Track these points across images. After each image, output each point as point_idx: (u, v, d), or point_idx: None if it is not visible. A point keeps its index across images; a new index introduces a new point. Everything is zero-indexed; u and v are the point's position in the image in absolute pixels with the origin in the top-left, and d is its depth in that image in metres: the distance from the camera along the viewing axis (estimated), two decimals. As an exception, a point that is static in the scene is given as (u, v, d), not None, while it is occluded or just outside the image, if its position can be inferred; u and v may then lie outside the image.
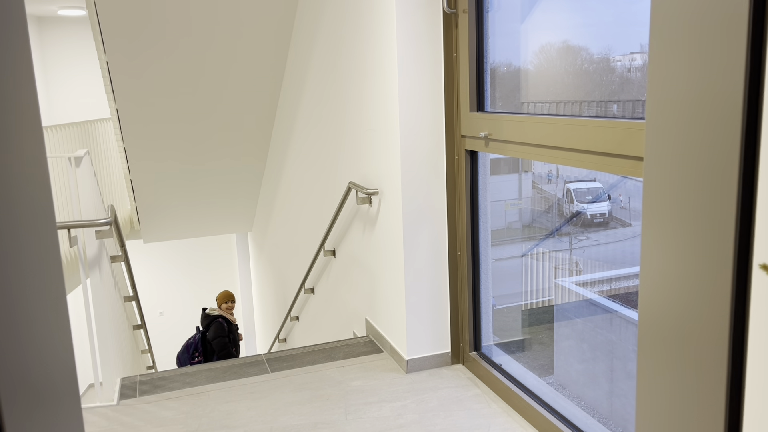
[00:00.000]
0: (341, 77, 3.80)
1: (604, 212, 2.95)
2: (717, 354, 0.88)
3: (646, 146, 0.97)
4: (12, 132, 0.97)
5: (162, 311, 11.14)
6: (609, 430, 2.49)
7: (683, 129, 0.90)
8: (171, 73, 5.08)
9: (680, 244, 0.92)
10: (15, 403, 0.91)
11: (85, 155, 3.34)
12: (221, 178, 6.66)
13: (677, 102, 0.90)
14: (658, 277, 0.97)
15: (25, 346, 0.97)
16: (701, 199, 0.88)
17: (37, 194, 1.05)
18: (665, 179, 0.94)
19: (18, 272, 0.95)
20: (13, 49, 0.95)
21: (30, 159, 1.03)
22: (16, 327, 0.94)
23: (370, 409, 2.84)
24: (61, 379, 1.09)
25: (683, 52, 0.88)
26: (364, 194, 3.44)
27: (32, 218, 1.02)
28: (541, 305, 3.27)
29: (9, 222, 0.94)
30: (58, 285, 1.10)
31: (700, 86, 0.87)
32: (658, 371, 1.00)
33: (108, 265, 3.68)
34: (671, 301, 0.95)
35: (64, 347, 1.12)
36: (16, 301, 0.94)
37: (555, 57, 2.72)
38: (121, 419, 2.88)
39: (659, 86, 0.92)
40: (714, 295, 0.87)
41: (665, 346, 0.98)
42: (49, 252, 1.08)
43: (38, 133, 1.07)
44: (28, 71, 1.03)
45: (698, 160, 0.88)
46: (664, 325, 0.97)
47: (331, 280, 4.61)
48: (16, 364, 0.92)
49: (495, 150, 2.79)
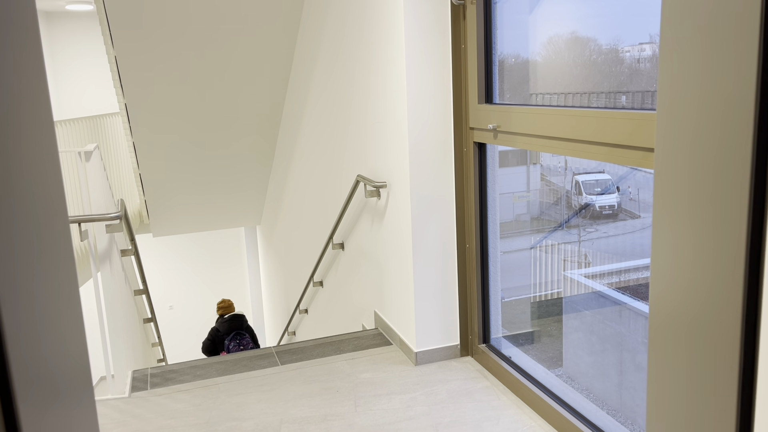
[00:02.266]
0: (349, 70, 3.80)
1: (613, 204, 2.94)
2: (729, 347, 0.88)
3: (657, 137, 0.96)
4: (25, 127, 0.97)
5: (172, 305, 11.20)
6: (618, 422, 2.49)
7: (695, 120, 0.89)
8: (179, 68, 5.09)
9: (692, 235, 0.91)
10: (30, 396, 0.92)
11: (95, 150, 3.35)
12: (230, 172, 6.67)
13: (689, 92, 0.90)
14: (669, 269, 0.96)
15: (40, 338, 0.98)
16: (713, 190, 0.87)
17: (50, 188, 1.05)
18: (677, 170, 0.93)
19: (32, 266, 0.96)
20: (25, 44, 0.96)
21: (43, 154, 1.04)
22: (31, 320, 0.95)
23: (379, 402, 2.86)
24: (75, 372, 1.10)
25: (695, 42, 0.88)
26: (372, 187, 3.45)
27: (45, 212, 1.02)
28: (550, 297, 3.27)
29: (23, 216, 0.95)
30: (71, 278, 1.11)
31: (712, 76, 0.86)
32: (669, 364, 1.00)
33: (118, 258, 3.70)
34: (683, 293, 0.95)
35: (78, 340, 1.13)
36: (30, 295, 0.95)
37: (563, 48, 2.71)
38: (133, 411, 2.91)
39: (671, 76, 0.92)
40: (726, 288, 0.87)
41: (676, 339, 0.98)
42: (61, 245, 1.08)
43: (50, 128, 1.08)
44: (39, 66, 1.04)
45: (710, 151, 0.87)
46: (676, 318, 0.97)
47: (339, 273, 4.62)
48: (31, 356, 0.93)
49: (504, 142, 2.78)
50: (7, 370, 0.86)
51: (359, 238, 4.01)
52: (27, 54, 0.98)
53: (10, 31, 0.86)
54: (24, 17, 0.94)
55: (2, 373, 0.86)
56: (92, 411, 1.18)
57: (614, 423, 2.47)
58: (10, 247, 0.89)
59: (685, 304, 0.94)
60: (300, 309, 6.04)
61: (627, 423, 2.55)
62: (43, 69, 1.06)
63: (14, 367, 0.87)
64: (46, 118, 1.08)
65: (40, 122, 1.04)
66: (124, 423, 2.80)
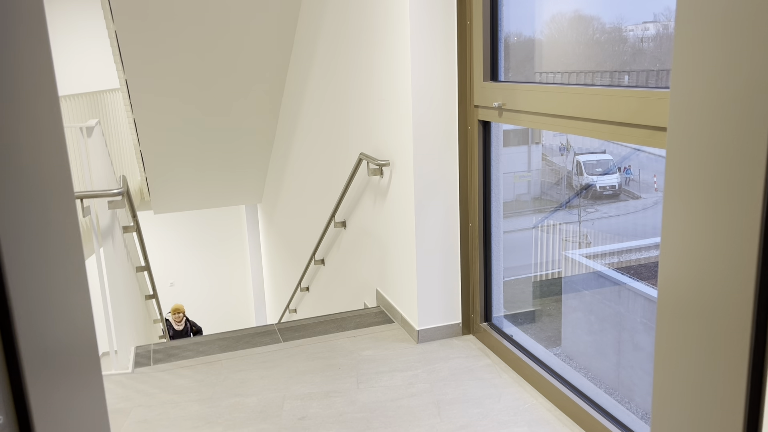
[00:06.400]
0: (353, 46, 3.76)
1: (613, 185, 2.93)
2: (740, 331, 0.87)
3: (671, 115, 0.95)
4: (30, 101, 0.96)
5: (172, 282, 11.24)
6: (615, 400, 2.51)
7: (711, 97, 0.88)
8: (180, 43, 5.04)
9: (705, 216, 0.91)
10: (38, 370, 0.92)
11: (97, 125, 3.33)
12: (231, 149, 6.65)
13: (705, 68, 0.88)
14: (679, 251, 0.96)
15: (48, 312, 0.98)
16: (728, 170, 0.86)
17: (56, 163, 1.05)
18: (690, 149, 0.93)
19: (40, 240, 0.96)
20: (29, 17, 0.94)
21: (48, 128, 1.03)
22: (40, 294, 0.95)
23: (381, 379, 2.87)
24: (82, 345, 1.10)
25: (713, 15, 0.86)
26: (375, 165, 3.43)
27: (51, 187, 1.02)
28: (550, 277, 3.28)
29: (30, 191, 0.95)
30: (77, 252, 1.10)
31: (730, 51, 0.85)
32: (677, 348, 0.99)
33: (120, 235, 3.70)
34: (693, 275, 0.94)
35: (85, 314, 1.13)
36: (38, 270, 0.95)
37: (566, 27, 2.68)
38: (136, 387, 2.93)
39: (686, 51, 0.90)
40: (739, 271, 0.86)
41: (685, 323, 0.97)
42: (68, 220, 1.08)
43: (55, 102, 1.07)
44: (43, 40, 1.02)
45: (726, 130, 0.86)
46: (685, 301, 0.96)
47: (341, 252, 4.63)
48: (39, 331, 0.93)
49: (508, 120, 2.77)
50: (15, 345, 0.86)
51: (361, 216, 4.00)
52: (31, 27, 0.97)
53: (15, 3, 0.85)
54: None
55: (11, 348, 0.86)
56: (99, 384, 1.19)
57: (611, 401, 2.49)
58: (19, 221, 0.89)
59: (696, 288, 0.94)
60: (301, 287, 6.06)
61: (624, 401, 2.57)
62: (48, 42, 1.04)
63: (22, 342, 0.87)
64: (51, 93, 1.07)
65: (45, 97, 1.03)
66: (128, 398, 2.83)
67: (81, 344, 1.10)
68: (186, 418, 2.64)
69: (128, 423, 2.62)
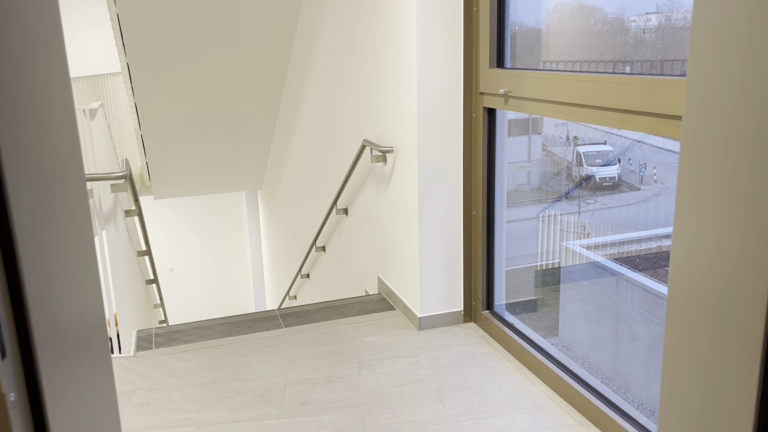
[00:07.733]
0: (356, 31, 3.74)
1: (613, 176, 2.93)
2: (753, 323, 0.87)
3: (686, 104, 0.95)
4: (42, 81, 0.96)
5: (172, 267, 11.25)
6: (612, 390, 2.52)
7: (728, 86, 0.87)
8: (182, 27, 5.01)
9: (719, 207, 0.90)
10: (49, 348, 0.92)
11: (100, 108, 3.32)
12: (232, 135, 6.63)
13: (724, 56, 0.88)
14: (692, 240, 0.95)
15: (60, 292, 0.98)
16: (745, 159, 0.86)
17: (67, 143, 1.04)
18: (706, 139, 0.92)
19: (52, 221, 0.95)
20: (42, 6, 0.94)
21: (61, 111, 1.02)
22: (53, 274, 0.95)
23: (383, 365, 2.88)
24: (92, 325, 1.10)
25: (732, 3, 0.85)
26: (379, 152, 3.42)
27: (63, 168, 1.01)
28: (548, 267, 3.28)
29: (42, 172, 0.94)
30: (87, 232, 1.10)
31: (749, 38, 0.84)
32: (688, 339, 0.99)
33: (122, 218, 3.70)
34: (706, 265, 0.94)
35: (94, 293, 1.13)
36: (52, 249, 0.95)
37: (568, 17, 2.67)
38: (138, 370, 2.94)
39: (704, 37, 0.90)
40: (753, 262, 0.86)
41: (696, 316, 0.97)
42: (79, 201, 1.08)
43: (67, 84, 1.07)
44: (56, 25, 1.02)
45: (743, 118, 0.86)
46: (697, 291, 0.96)
47: (343, 239, 4.63)
48: (51, 309, 0.93)
49: (514, 107, 2.76)
50: (27, 323, 0.86)
51: (364, 203, 4.00)
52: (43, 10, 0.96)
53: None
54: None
55: (23, 327, 0.86)
56: (108, 363, 1.19)
57: (608, 391, 2.50)
58: (32, 202, 0.88)
59: (709, 279, 0.93)
60: (302, 273, 6.06)
61: (620, 392, 2.58)
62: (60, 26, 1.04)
63: (34, 321, 0.87)
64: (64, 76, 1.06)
65: (57, 78, 1.03)
66: (130, 381, 2.83)
67: (91, 323, 1.10)
68: (188, 401, 2.65)
69: (130, 405, 2.63)
